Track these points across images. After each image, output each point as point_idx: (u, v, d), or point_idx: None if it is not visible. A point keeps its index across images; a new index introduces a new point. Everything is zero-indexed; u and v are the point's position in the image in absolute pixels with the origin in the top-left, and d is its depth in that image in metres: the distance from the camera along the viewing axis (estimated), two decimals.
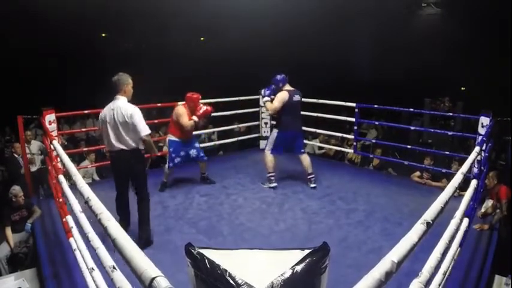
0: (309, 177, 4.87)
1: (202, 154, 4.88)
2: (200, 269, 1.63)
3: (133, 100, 3.51)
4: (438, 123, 8.77)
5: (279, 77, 4.73)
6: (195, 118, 4.59)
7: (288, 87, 4.72)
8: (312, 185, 4.85)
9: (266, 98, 4.78)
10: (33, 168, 5.82)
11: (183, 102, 4.74)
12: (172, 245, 3.45)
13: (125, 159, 3.40)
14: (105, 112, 3.41)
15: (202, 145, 6.80)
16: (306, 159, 4.86)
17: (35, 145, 6.17)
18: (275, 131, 4.79)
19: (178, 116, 4.57)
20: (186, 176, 5.23)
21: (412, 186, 5.18)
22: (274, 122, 5.22)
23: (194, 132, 4.96)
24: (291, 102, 4.63)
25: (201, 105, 4.69)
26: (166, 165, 4.75)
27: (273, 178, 4.83)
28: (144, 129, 3.35)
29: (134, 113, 3.32)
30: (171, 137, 4.71)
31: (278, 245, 3.17)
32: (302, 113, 6.63)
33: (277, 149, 4.77)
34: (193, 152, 4.79)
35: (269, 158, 4.79)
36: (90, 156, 6.01)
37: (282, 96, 4.62)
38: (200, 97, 4.68)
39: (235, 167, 5.80)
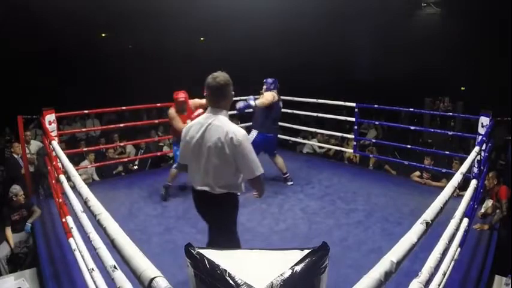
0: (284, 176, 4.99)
1: None
2: (200, 269, 1.63)
3: (132, 100, 3.31)
4: (436, 123, 8.79)
5: (270, 80, 4.75)
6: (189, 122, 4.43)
7: (275, 92, 4.70)
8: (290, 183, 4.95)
9: (252, 102, 4.50)
10: (32, 168, 5.82)
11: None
12: (172, 245, 3.44)
13: (205, 205, 2.41)
14: (192, 130, 2.30)
15: None
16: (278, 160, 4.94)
17: (34, 145, 6.17)
18: (254, 131, 4.66)
19: (171, 119, 4.38)
20: (186, 176, 5.22)
21: (412, 186, 5.18)
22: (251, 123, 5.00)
23: None
24: (278, 106, 4.68)
25: (196, 109, 4.31)
26: (174, 166, 4.49)
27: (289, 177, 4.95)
28: (257, 167, 2.24)
29: (244, 141, 2.18)
30: (174, 139, 4.59)
31: (278, 245, 3.17)
32: (302, 112, 6.73)
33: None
34: None
35: (280, 159, 4.87)
36: (90, 156, 6.01)
37: (272, 95, 4.59)
38: (186, 96, 4.38)
39: None
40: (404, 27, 11.29)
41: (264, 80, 4.80)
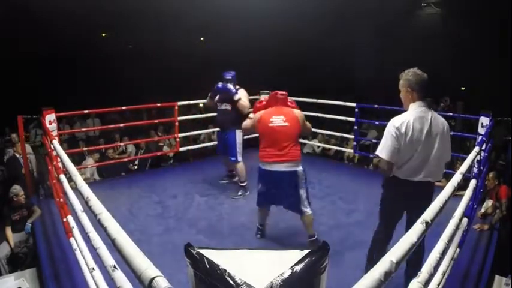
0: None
1: None
2: (199, 269, 1.63)
3: (132, 100, 3.26)
4: None
5: (233, 72, 4.37)
6: None
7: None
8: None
9: (238, 96, 4.23)
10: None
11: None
12: (172, 245, 3.44)
13: (420, 196, 2.36)
14: (415, 125, 2.32)
15: (202, 145, 6.83)
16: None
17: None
18: (238, 132, 4.39)
19: (305, 121, 3.32)
20: (186, 176, 5.23)
21: None
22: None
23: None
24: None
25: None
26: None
27: (247, 186, 4.56)
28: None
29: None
30: (262, 164, 3.32)
31: (278, 245, 3.16)
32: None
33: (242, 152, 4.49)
34: None
35: (243, 166, 4.49)
36: (94, 155, 6.02)
37: (246, 93, 4.36)
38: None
39: None
40: (404, 27, 11.29)
41: (229, 76, 4.32)
